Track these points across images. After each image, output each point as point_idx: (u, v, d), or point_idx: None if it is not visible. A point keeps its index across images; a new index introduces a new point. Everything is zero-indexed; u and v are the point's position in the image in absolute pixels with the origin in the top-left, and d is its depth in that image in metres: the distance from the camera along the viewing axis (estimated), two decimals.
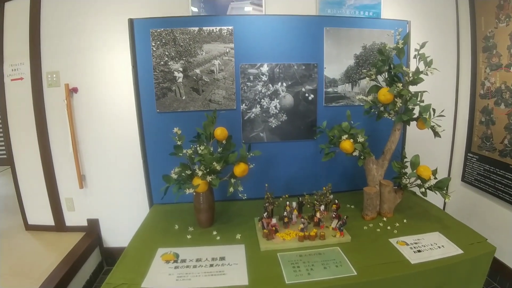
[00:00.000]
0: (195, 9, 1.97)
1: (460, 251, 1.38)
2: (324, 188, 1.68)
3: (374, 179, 1.73)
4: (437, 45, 2.27)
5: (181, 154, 1.55)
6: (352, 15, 2.04)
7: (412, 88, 1.67)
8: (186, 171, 1.53)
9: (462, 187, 2.39)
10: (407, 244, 1.44)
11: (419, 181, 1.63)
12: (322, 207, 1.58)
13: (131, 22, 1.80)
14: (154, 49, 1.81)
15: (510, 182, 1.95)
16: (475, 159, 2.23)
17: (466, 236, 1.52)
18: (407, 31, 2.02)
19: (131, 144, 2.10)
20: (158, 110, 1.87)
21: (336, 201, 1.66)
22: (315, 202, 1.63)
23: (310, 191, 1.80)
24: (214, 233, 1.57)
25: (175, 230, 1.62)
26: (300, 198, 1.73)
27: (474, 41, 2.16)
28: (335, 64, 1.98)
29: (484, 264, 1.41)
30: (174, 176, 1.52)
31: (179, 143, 1.57)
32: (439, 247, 1.41)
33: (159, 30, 1.79)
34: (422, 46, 1.55)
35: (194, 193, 1.55)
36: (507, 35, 1.91)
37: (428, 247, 1.42)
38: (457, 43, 2.33)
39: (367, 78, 1.74)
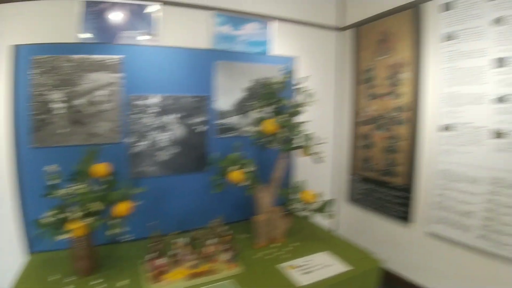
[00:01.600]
0: (84, 36, 1.84)
1: (349, 267, 1.49)
2: (215, 220, 1.67)
3: (264, 206, 1.79)
4: (322, 78, 2.56)
5: (57, 195, 1.39)
6: (243, 50, 2.15)
7: (302, 118, 1.81)
8: (61, 214, 1.36)
9: (350, 206, 2.64)
10: (298, 267, 1.50)
11: (305, 205, 1.74)
12: (214, 241, 1.56)
13: (12, 48, 1.59)
14: (34, 77, 1.62)
15: (390, 198, 2.23)
16: (359, 180, 2.50)
17: (354, 252, 1.68)
18: (293, 67, 2.22)
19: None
20: (34, 145, 1.66)
21: (229, 232, 1.66)
22: (207, 236, 1.61)
23: (204, 224, 1.77)
24: (98, 281, 1.41)
25: (50, 283, 1.41)
26: (192, 233, 1.68)
27: (356, 74, 2.48)
28: (227, 96, 2.05)
29: (373, 277, 1.56)
30: (46, 220, 1.34)
31: (52, 182, 1.40)
32: (329, 266, 1.51)
33: (42, 57, 1.62)
34: (303, 80, 1.75)
35: (72, 238, 1.38)
36: (385, 68, 2.22)
37: (318, 267, 1.50)
38: (340, 75, 2.66)
39: (256, 110, 1.83)
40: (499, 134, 1.62)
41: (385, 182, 2.26)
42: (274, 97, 1.76)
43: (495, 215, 1.64)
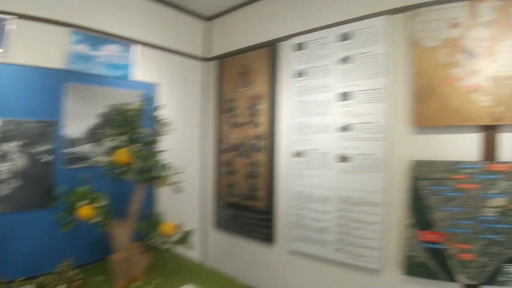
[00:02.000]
0: None
1: None
2: (63, 264, 1.44)
3: (121, 243, 1.64)
4: (188, 106, 2.59)
5: None
6: (101, 73, 1.99)
7: (160, 147, 1.74)
8: None
9: (217, 233, 2.67)
10: None
11: (165, 238, 1.65)
12: (63, 287, 1.34)
13: None
14: None
15: (254, 221, 2.32)
16: (225, 205, 2.56)
17: (219, 280, 1.68)
18: (154, 93, 2.17)
19: None
20: None
21: (79, 276, 1.46)
22: (56, 282, 1.37)
23: (53, 268, 1.52)
24: None
25: None
26: (40, 279, 1.42)
27: (220, 103, 2.58)
28: (78, 122, 1.85)
29: None
30: None
31: None
32: None
33: None
34: (162, 108, 1.67)
35: None
36: (245, 99, 2.35)
37: None
38: (205, 104, 2.74)
39: (109, 138, 1.69)
40: (343, 158, 1.88)
41: (248, 206, 2.38)
42: (129, 124, 1.66)
43: (347, 229, 1.87)
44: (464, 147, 1.54)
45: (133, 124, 1.68)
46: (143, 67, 2.23)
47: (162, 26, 2.40)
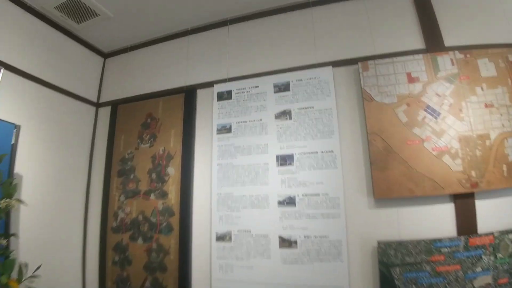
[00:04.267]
0: None
1: None
2: None
3: None
4: (66, 163, 1.78)
5: None
6: None
7: None
8: None
9: None
10: None
11: None
12: None
13: None
14: None
15: None
16: None
17: None
18: (12, 139, 1.36)
19: None
20: None
21: None
22: None
23: None
24: None
25: None
26: None
27: (109, 163, 1.84)
28: None
29: None
30: None
31: None
32: None
33: None
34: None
35: None
36: (149, 157, 1.71)
37: None
38: (89, 163, 1.93)
39: None
40: (288, 243, 1.39)
41: None
42: None
43: None
44: (438, 221, 1.25)
45: None
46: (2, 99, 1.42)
47: (40, 50, 1.68)
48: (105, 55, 2.15)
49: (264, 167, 1.51)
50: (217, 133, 1.63)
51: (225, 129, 1.62)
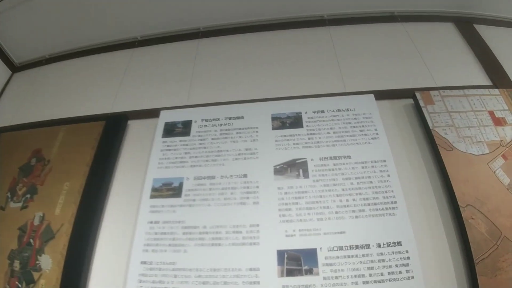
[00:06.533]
0: None
1: None
2: None
3: None
4: None
5: None
6: None
7: None
8: None
9: None
10: None
11: None
12: None
13: None
14: None
15: None
16: None
17: None
18: None
19: None
20: None
21: None
22: None
23: None
24: None
25: None
26: None
27: None
28: None
29: None
30: None
31: None
32: None
33: None
34: None
35: None
36: (15, 228, 0.89)
37: None
38: None
39: None
40: None
41: None
42: None
43: None
44: None
45: None
46: None
47: None
48: (14, 68, 1.42)
49: (248, 278, 0.68)
50: (151, 197, 0.81)
51: (168, 190, 0.81)
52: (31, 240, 0.84)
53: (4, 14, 1.24)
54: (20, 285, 0.79)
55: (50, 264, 0.80)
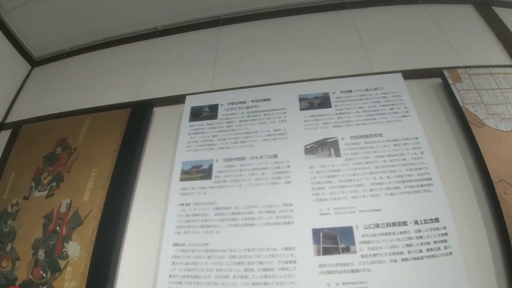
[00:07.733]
0: None
1: None
2: None
3: None
4: None
5: None
6: None
7: None
8: None
9: None
10: None
11: None
12: None
13: None
14: None
15: None
16: None
17: None
18: None
19: None
20: None
21: None
22: None
23: None
24: None
25: None
26: None
27: None
28: None
29: None
30: None
31: None
32: None
33: None
34: None
35: None
36: (40, 217, 0.90)
37: None
38: None
39: None
40: None
41: None
42: None
43: None
44: None
45: None
46: None
47: None
48: (34, 63, 1.42)
49: (283, 257, 0.67)
50: (181, 180, 0.80)
51: (198, 172, 0.81)
52: (57, 228, 0.84)
53: (21, 10, 1.25)
54: (44, 274, 0.79)
55: (78, 250, 0.80)
